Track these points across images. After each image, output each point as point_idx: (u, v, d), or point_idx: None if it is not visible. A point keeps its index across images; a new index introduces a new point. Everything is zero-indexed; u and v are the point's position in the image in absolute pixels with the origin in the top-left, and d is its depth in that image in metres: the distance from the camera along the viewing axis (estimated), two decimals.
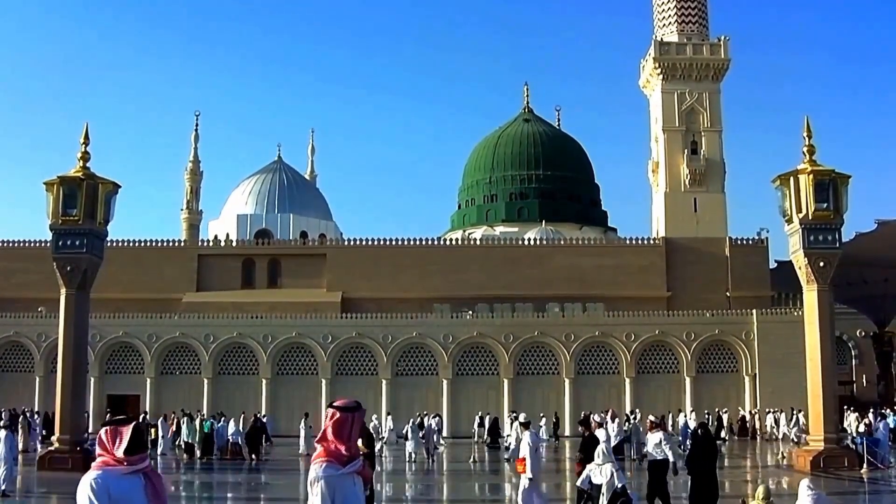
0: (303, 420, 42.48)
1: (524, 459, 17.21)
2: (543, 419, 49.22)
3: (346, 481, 6.04)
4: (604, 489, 17.29)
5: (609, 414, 31.60)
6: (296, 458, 38.14)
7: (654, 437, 18.68)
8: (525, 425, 18.30)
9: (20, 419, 42.06)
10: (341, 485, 6.01)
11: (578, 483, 18.55)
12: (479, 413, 52.03)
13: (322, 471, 6.00)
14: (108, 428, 5.85)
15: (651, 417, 20.15)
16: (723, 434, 49.73)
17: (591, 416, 25.54)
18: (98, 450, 5.83)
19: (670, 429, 49.17)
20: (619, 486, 17.04)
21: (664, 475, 18.20)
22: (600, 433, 18.46)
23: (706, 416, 48.91)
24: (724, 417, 53.16)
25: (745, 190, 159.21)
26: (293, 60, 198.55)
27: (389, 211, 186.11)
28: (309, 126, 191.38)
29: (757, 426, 53.88)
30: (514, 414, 38.13)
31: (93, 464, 5.84)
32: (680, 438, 44.60)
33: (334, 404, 6.22)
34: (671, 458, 18.17)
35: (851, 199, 31.08)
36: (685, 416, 47.90)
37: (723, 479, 32.56)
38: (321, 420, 7.78)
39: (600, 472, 17.51)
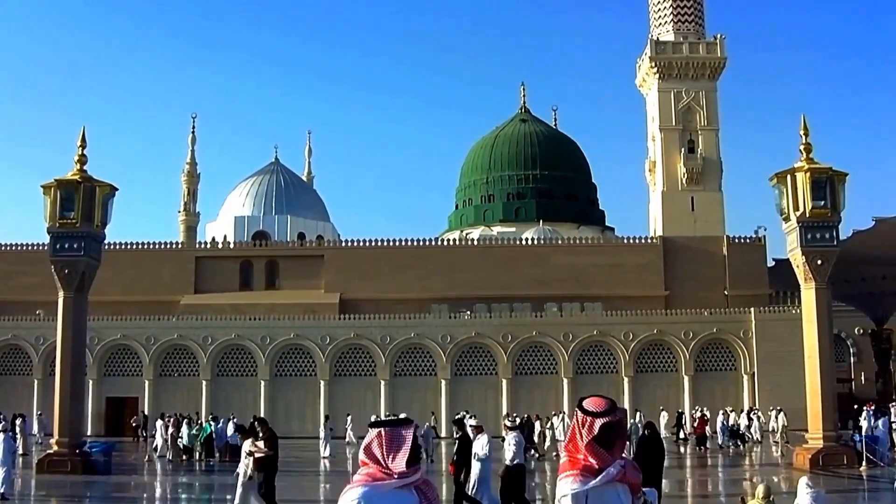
0: (323, 422, 41.98)
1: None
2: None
3: (603, 493, 5.01)
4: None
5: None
6: (295, 459, 38.00)
7: (508, 439, 17.91)
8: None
9: (18, 422, 42.03)
10: (597, 498, 5.01)
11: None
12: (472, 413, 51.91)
13: (569, 485, 5.01)
14: (382, 431, 4.74)
15: (506, 421, 19.22)
16: (684, 433, 48.66)
17: (466, 417, 25.25)
18: (363, 457, 4.75)
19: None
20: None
21: (521, 479, 17.62)
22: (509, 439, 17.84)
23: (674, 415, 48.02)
24: (692, 416, 49.51)
25: (742, 188, 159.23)
26: (289, 62, 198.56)
27: (387, 212, 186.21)
28: (306, 127, 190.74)
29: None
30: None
31: (354, 477, 4.76)
32: (721, 438, 44.63)
33: (581, 405, 5.15)
34: (518, 461, 17.56)
35: (849, 196, 31.08)
36: (725, 414, 46.97)
37: (710, 477, 32.62)
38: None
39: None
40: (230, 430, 39.24)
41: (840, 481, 26.46)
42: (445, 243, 73.47)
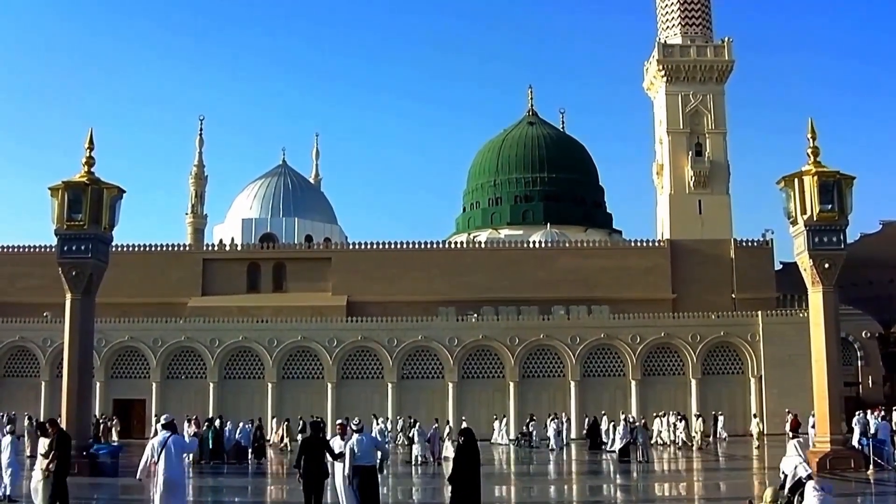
0: (401, 424, 41.13)
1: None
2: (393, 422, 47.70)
3: None
4: (788, 480, 17.82)
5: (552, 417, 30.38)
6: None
7: (351, 442, 17.87)
8: (167, 426, 17.03)
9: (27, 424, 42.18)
10: None
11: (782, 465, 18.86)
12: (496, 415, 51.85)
13: None
14: None
15: (352, 424, 19.00)
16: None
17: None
18: None
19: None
20: (805, 475, 17.24)
21: (363, 481, 17.62)
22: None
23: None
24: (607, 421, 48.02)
25: (749, 191, 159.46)
26: (298, 64, 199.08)
27: (394, 214, 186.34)
28: (313, 130, 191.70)
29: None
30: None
31: None
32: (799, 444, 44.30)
33: None
34: (363, 463, 17.62)
35: (856, 200, 30.96)
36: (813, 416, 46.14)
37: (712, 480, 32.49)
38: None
39: (789, 463, 18.02)
40: (239, 431, 39.44)
41: (847, 485, 26.38)
42: (453, 246, 73.49)
